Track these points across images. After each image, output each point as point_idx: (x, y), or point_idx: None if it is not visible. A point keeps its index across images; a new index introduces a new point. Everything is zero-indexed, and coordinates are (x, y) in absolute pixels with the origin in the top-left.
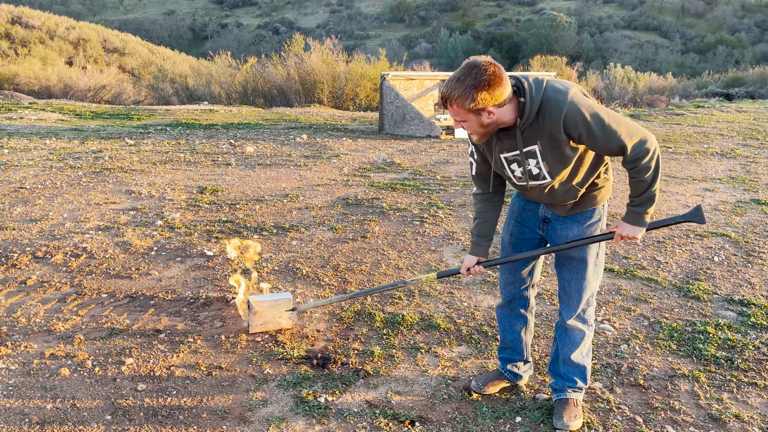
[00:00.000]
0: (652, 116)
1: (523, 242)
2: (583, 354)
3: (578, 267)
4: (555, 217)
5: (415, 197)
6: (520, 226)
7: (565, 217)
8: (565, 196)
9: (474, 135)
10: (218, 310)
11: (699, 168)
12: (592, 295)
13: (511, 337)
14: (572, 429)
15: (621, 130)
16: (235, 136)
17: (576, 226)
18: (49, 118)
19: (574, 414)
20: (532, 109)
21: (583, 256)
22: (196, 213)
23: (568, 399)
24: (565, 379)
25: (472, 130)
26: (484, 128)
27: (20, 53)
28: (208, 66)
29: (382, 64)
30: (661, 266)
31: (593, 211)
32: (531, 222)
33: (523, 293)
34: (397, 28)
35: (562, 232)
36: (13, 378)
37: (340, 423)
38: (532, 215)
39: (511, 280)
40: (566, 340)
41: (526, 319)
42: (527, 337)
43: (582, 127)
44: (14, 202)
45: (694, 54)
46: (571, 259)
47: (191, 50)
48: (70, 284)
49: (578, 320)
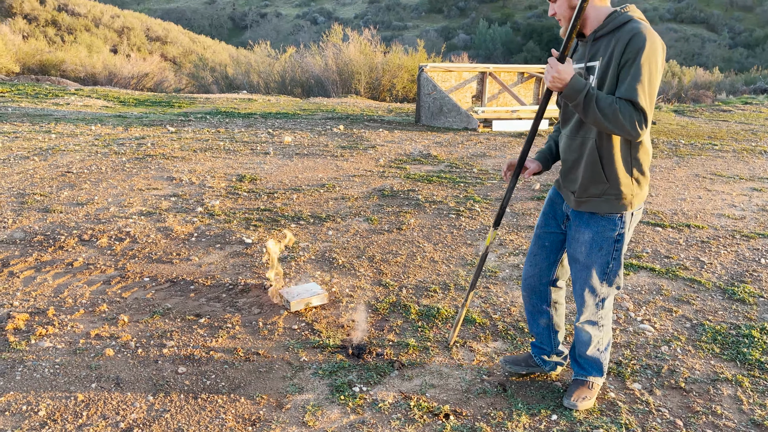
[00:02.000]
0: (697, 112)
1: (547, 235)
2: (599, 350)
3: (582, 273)
4: (574, 215)
5: (452, 190)
6: (546, 218)
7: (581, 219)
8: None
9: (563, 23)
10: (256, 296)
11: (746, 167)
12: (603, 300)
13: (536, 330)
14: (579, 408)
15: (645, 89)
16: (273, 125)
17: (588, 231)
18: (94, 104)
19: (585, 395)
20: (613, 23)
21: (588, 264)
22: (235, 201)
23: (585, 381)
24: (581, 368)
25: (561, 11)
26: (571, 11)
27: (66, 40)
28: (247, 55)
29: (420, 55)
30: (705, 267)
31: (612, 219)
32: (558, 215)
33: (542, 287)
34: (436, 18)
35: (576, 233)
36: (59, 357)
37: (374, 413)
38: (558, 209)
39: (532, 272)
40: (577, 338)
41: (549, 314)
42: (554, 331)
43: (635, 53)
44: (62, 185)
45: (742, 48)
46: (576, 262)
47: (231, 39)
48: (114, 267)
49: (587, 324)
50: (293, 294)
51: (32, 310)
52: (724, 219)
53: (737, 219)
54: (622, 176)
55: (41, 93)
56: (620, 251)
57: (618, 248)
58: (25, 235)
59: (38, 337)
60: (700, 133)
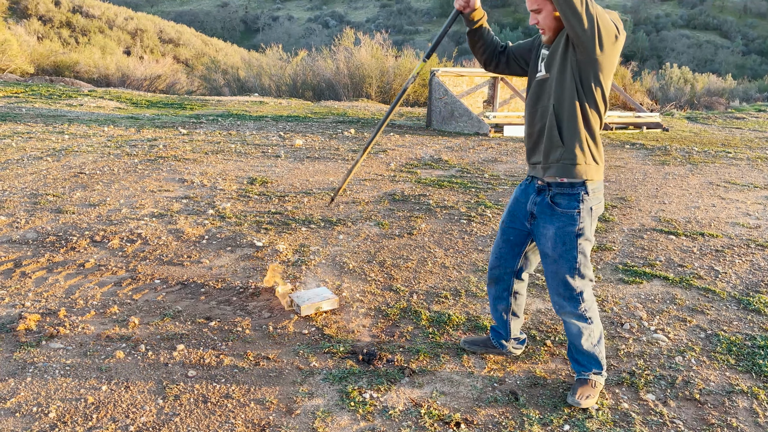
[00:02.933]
0: (710, 119)
1: (512, 230)
2: (593, 344)
3: (552, 266)
4: (539, 212)
5: (463, 195)
6: (512, 216)
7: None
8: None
9: (546, 33)
10: (267, 300)
11: (761, 175)
12: (581, 293)
13: (496, 316)
14: (583, 406)
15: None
16: (285, 128)
17: (551, 227)
18: (107, 105)
19: (588, 394)
20: None
21: (556, 257)
22: (246, 203)
23: (587, 380)
24: (581, 365)
25: (545, 22)
26: (556, 22)
27: (80, 42)
28: (259, 58)
29: (431, 60)
30: (720, 276)
31: (571, 215)
32: (521, 213)
33: (506, 277)
34: None
35: (542, 229)
36: (70, 358)
37: (384, 420)
38: (522, 207)
39: (496, 263)
40: (567, 332)
41: (509, 302)
42: (511, 319)
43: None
44: (74, 186)
45: (756, 55)
46: (546, 257)
47: (243, 42)
48: (126, 269)
49: (572, 316)
50: (304, 299)
51: (43, 311)
52: (738, 228)
53: (752, 228)
54: (576, 139)
55: (55, 94)
56: (585, 246)
57: (581, 242)
58: (37, 235)
59: (49, 338)
60: (713, 140)
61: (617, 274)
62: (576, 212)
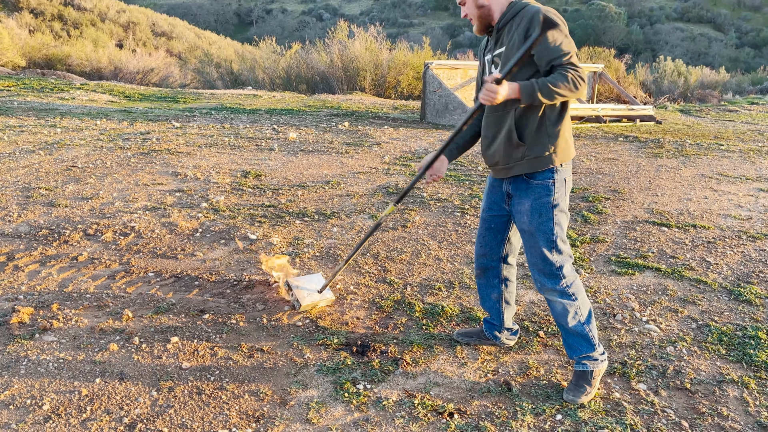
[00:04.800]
0: (703, 112)
1: (492, 218)
2: (581, 322)
3: (529, 241)
4: (514, 189)
5: (456, 188)
6: (490, 203)
7: (520, 190)
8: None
9: (473, 22)
10: (261, 293)
11: (753, 167)
12: (561, 268)
13: (488, 305)
14: (579, 402)
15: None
16: (278, 121)
17: (527, 200)
18: (99, 99)
19: (586, 389)
20: (511, 12)
21: (532, 231)
22: (240, 197)
23: (583, 372)
24: (572, 349)
25: (470, 11)
26: (478, 10)
27: (72, 35)
28: (253, 51)
29: (426, 53)
30: (711, 267)
31: (546, 186)
32: (498, 198)
33: (494, 264)
34: (441, 16)
35: (518, 206)
36: (63, 351)
37: (378, 411)
38: (498, 191)
39: (482, 252)
40: (552, 310)
41: (500, 290)
42: (504, 307)
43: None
44: (67, 180)
45: (749, 48)
46: (524, 233)
47: (236, 35)
48: (119, 262)
49: (555, 294)
50: (303, 295)
51: (37, 304)
52: (730, 219)
53: (744, 220)
54: (538, 133)
55: (47, 87)
56: (561, 218)
57: (557, 214)
58: (30, 229)
59: (42, 332)
60: (706, 133)
61: (610, 266)
62: (551, 182)
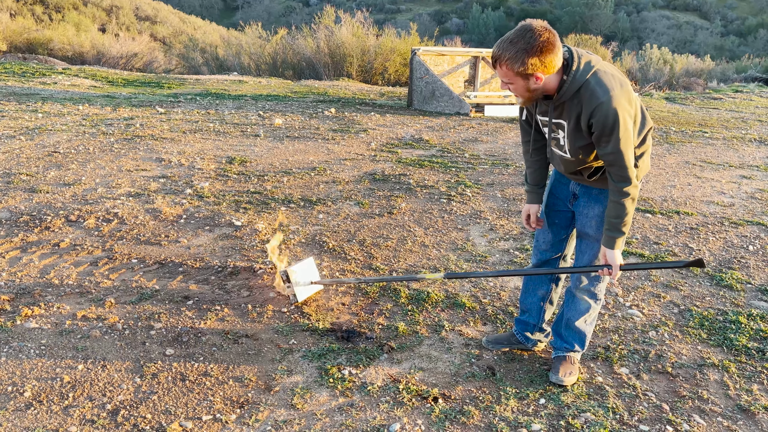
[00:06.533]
0: (688, 100)
1: (555, 214)
2: (586, 322)
3: (591, 246)
4: (582, 192)
5: (443, 175)
6: (553, 198)
7: (590, 195)
8: (584, 172)
9: (520, 98)
10: (245, 279)
11: (736, 154)
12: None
13: (530, 300)
14: (566, 383)
15: (627, 158)
16: (264, 107)
17: (599, 206)
18: (82, 84)
19: (570, 371)
20: (570, 90)
21: (598, 237)
22: (225, 183)
23: (566, 356)
24: (564, 341)
25: (519, 93)
26: (530, 93)
27: (54, 19)
28: (239, 36)
29: (413, 39)
30: (694, 253)
31: None
32: (563, 195)
33: (554, 261)
34: (429, 2)
35: (585, 209)
36: (45, 338)
37: (363, 396)
38: (564, 188)
39: (546, 247)
40: (572, 306)
41: (549, 288)
42: (546, 306)
43: (606, 129)
44: (48, 165)
45: (734, 37)
46: (587, 237)
47: (222, 20)
48: (102, 248)
49: (586, 293)
50: (300, 291)
51: (18, 291)
52: (713, 206)
53: (726, 206)
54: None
55: (28, 72)
56: None
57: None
58: (10, 215)
59: (24, 318)
60: (690, 120)
61: None
62: None
